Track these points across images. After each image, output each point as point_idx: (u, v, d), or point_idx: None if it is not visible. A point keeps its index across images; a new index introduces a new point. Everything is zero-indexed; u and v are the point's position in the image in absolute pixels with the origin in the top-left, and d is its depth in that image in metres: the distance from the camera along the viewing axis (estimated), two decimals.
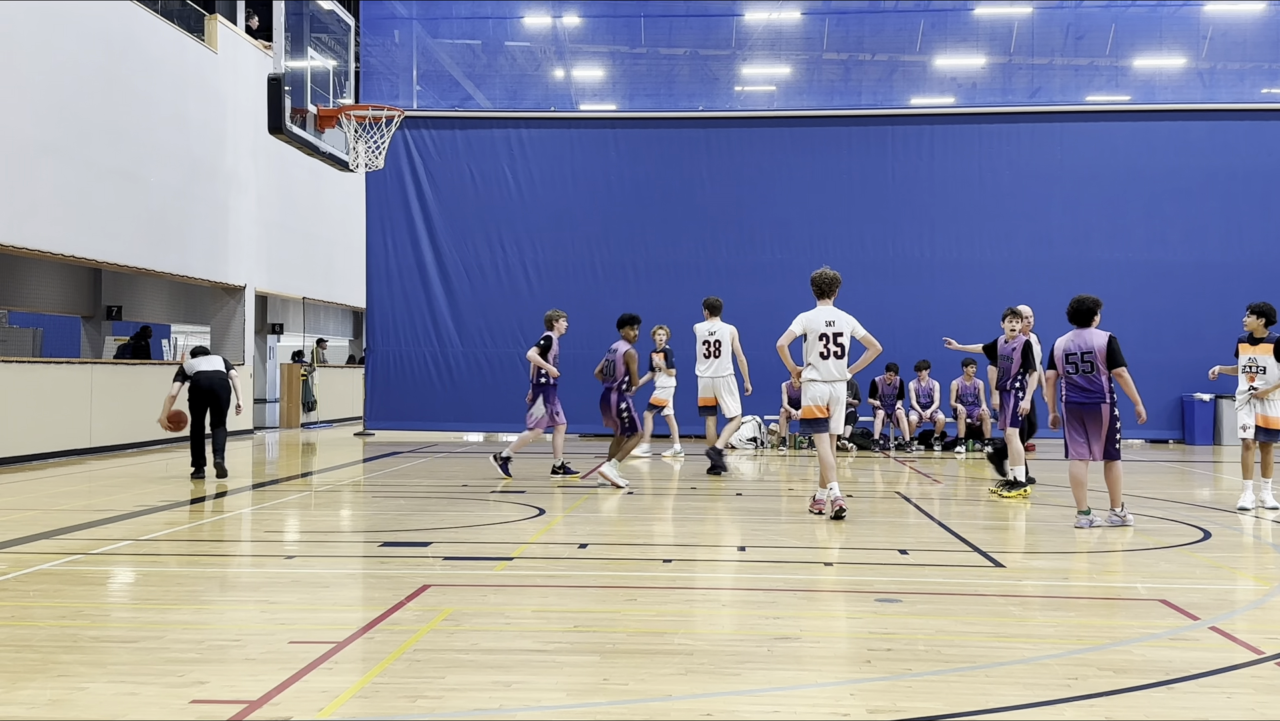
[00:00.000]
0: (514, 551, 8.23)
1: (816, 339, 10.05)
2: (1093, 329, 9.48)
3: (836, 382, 10.11)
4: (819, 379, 10.07)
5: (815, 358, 10.08)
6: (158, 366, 19.68)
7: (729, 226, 20.64)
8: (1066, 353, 9.51)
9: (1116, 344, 9.36)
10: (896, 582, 7.16)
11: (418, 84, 21.91)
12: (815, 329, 10.08)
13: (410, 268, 21.03)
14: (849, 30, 22.04)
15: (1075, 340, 9.50)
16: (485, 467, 14.78)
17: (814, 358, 10.09)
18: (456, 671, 5.01)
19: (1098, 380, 9.34)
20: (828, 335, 10.03)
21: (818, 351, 10.06)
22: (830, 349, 10.05)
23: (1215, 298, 19.81)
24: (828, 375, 10.06)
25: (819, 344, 10.05)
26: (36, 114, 15.60)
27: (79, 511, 10.39)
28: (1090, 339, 9.41)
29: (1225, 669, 5.16)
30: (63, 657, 5.20)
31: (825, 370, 10.05)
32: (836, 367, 10.08)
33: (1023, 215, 20.32)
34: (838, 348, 10.07)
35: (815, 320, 10.11)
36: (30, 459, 15.34)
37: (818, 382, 10.09)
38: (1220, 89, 21.40)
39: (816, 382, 10.09)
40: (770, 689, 4.84)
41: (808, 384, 10.16)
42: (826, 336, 10.03)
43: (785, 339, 10.13)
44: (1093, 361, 9.34)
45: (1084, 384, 9.39)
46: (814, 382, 10.10)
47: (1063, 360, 9.52)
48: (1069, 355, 9.48)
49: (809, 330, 10.10)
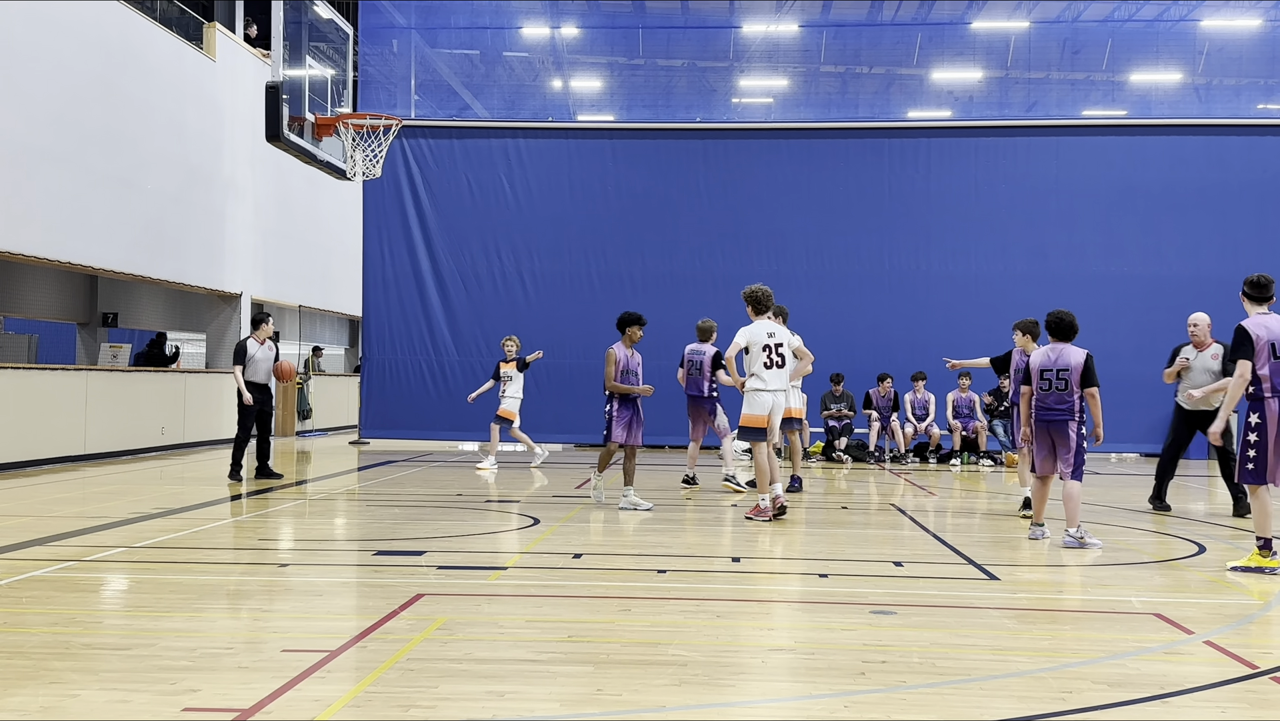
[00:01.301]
0: (508, 561, 8.21)
1: (760, 350, 10.67)
2: (1071, 345, 9.48)
3: (779, 392, 10.76)
4: (764, 388, 10.69)
5: (759, 368, 10.72)
6: (154, 374, 19.65)
7: (725, 237, 20.67)
8: (1042, 369, 9.46)
9: (1092, 362, 9.35)
10: (891, 595, 7.16)
11: (416, 93, 21.94)
12: (758, 341, 10.69)
13: (407, 276, 21.03)
14: (846, 43, 22.12)
15: (1052, 356, 9.46)
16: (473, 477, 14.76)
17: (758, 368, 10.74)
18: (450, 681, 5.00)
19: (1069, 398, 9.31)
20: (770, 346, 10.67)
21: (761, 362, 10.70)
22: (773, 359, 10.70)
23: (1211, 312, 19.75)
24: (773, 384, 10.70)
25: (762, 355, 10.67)
26: (34, 120, 15.60)
27: (72, 518, 10.36)
28: (1068, 356, 9.37)
29: (1219, 683, 5.16)
30: (55, 664, 5.18)
31: (770, 380, 10.69)
32: (779, 377, 10.74)
33: (1019, 229, 20.35)
34: (779, 358, 10.73)
35: (758, 333, 10.73)
36: (24, 465, 15.30)
37: (763, 392, 10.69)
38: (1216, 104, 21.47)
39: (762, 392, 10.69)
40: (764, 700, 4.84)
41: (753, 393, 10.72)
42: (769, 347, 10.67)
43: (732, 351, 10.72)
44: (1067, 379, 9.32)
45: (1055, 401, 9.35)
46: (760, 392, 10.70)
47: (1038, 375, 9.48)
48: (1044, 371, 9.44)
49: (752, 343, 10.71)
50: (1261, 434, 7.87)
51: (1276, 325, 7.98)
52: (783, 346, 10.75)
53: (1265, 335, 7.89)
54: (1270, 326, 7.95)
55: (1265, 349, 7.86)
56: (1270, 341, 7.87)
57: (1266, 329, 7.94)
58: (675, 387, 20.91)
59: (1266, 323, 8.00)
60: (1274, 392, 7.84)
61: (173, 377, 20.02)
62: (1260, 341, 7.87)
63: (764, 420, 10.64)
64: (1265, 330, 7.92)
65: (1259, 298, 8.19)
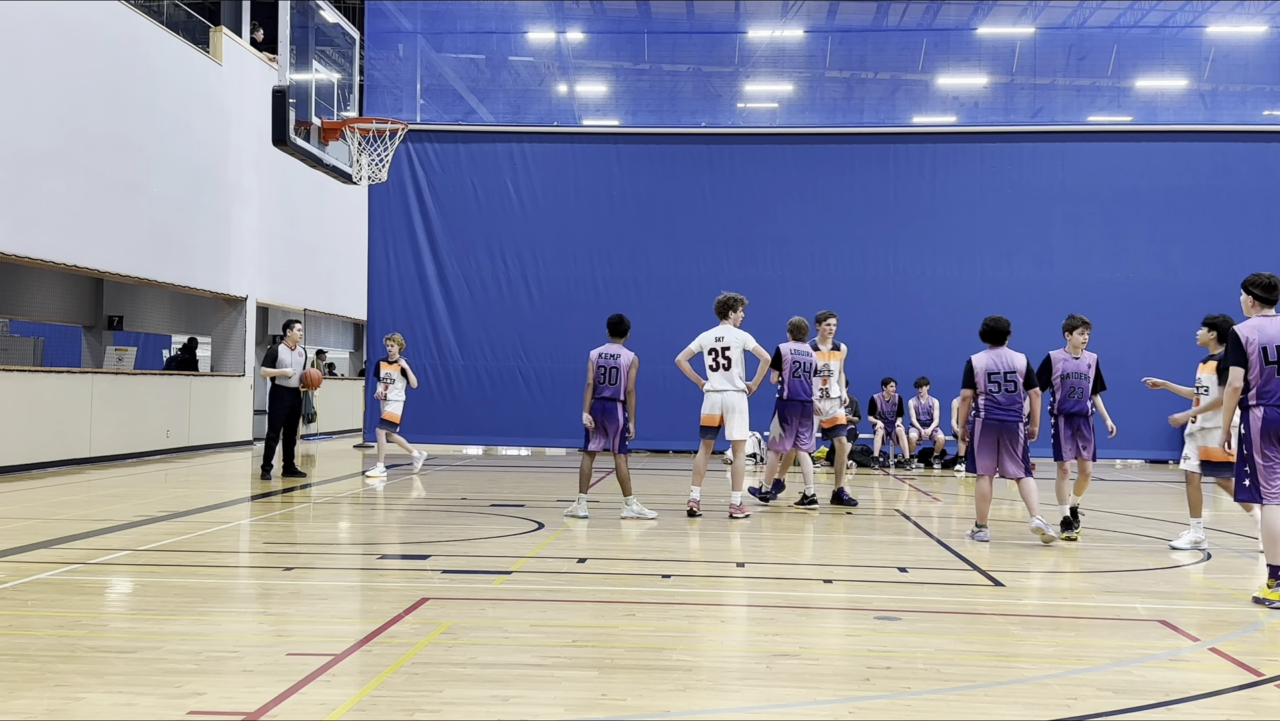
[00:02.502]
0: (513, 565, 8.22)
1: (706, 353, 11.45)
2: (1007, 348, 9.93)
3: (726, 393, 11.35)
4: (710, 389, 11.41)
5: (705, 370, 11.47)
6: (159, 377, 19.68)
7: (730, 242, 20.67)
8: (989, 372, 9.82)
9: (1031, 365, 9.91)
10: (896, 600, 7.15)
11: (421, 98, 21.97)
12: (705, 345, 11.49)
13: (412, 280, 21.05)
14: (852, 49, 22.12)
15: (996, 359, 9.84)
16: (485, 481, 14.76)
17: (705, 370, 11.49)
18: (454, 685, 5.00)
19: (1018, 399, 9.77)
20: (716, 349, 11.40)
21: (707, 365, 11.43)
22: (719, 361, 11.37)
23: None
24: (715, 385, 11.38)
25: (707, 357, 11.44)
26: (41, 124, 15.64)
27: (78, 521, 10.37)
28: (1012, 359, 9.81)
29: (1225, 690, 5.15)
30: (60, 667, 5.19)
31: (713, 381, 11.40)
32: (725, 379, 11.36)
33: (1024, 234, 20.34)
34: (725, 360, 11.35)
35: (706, 337, 11.53)
36: (30, 468, 15.32)
37: (711, 392, 11.42)
38: (1222, 110, 21.45)
39: (710, 393, 11.43)
40: (769, 706, 4.83)
41: (706, 394, 11.47)
42: (715, 350, 11.41)
43: (684, 355, 11.51)
44: (1015, 381, 9.72)
45: (1005, 402, 9.74)
46: (709, 393, 11.45)
47: (985, 379, 9.80)
48: (991, 374, 9.80)
49: (701, 346, 11.51)
50: (1248, 445, 7.23)
51: (1271, 328, 7.33)
52: (730, 350, 11.35)
53: (1257, 339, 7.26)
54: (1265, 330, 7.32)
55: (1257, 354, 7.24)
56: (1262, 345, 7.26)
57: (1259, 332, 7.30)
58: (678, 392, 20.97)
59: (1260, 325, 7.35)
60: (1260, 400, 7.20)
61: (178, 381, 20.04)
62: (1251, 346, 7.26)
63: (715, 420, 11.40)
64: (1258, 334, 7.29)
65: (1269, 300, 7.47)
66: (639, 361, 11.27)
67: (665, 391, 20.12)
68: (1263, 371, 7.21)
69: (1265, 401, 7.18)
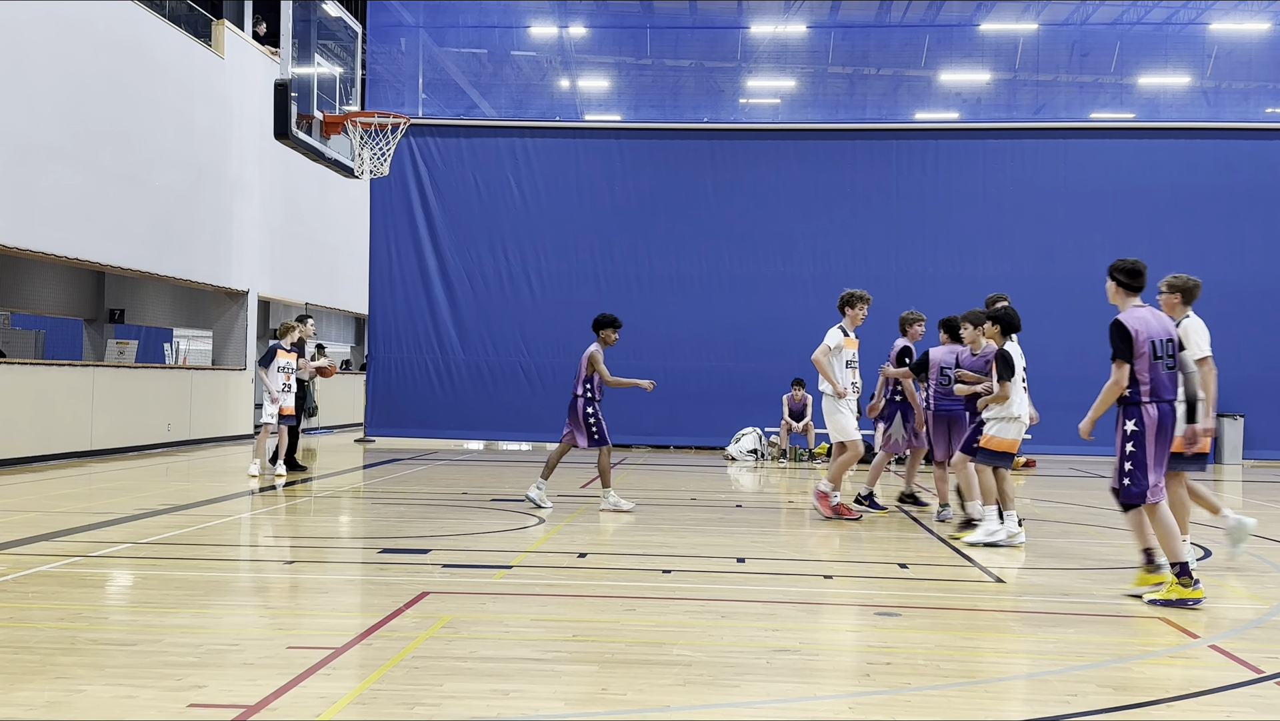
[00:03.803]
0: (513, 560, 8.22)
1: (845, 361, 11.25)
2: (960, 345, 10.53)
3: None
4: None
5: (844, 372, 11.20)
6: (160, 370, 19.68)
7: (732, 238, 20.66)
8: (943, 366, 10.71)
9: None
10: (896, 597, 7.15)
11: (423, 92, 21.95)
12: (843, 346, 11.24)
13: (413, 275, 21.05)
14: (854, 44, 22.09)
15: (949, 355, 10.68)
16: (486, 475, 14.75)
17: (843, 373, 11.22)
18: (455, 679, 5.00)
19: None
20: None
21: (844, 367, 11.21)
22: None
23: (1217, 316, 19.67)
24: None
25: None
26: (43, 117, 15.63)
27: (79, 514, 10.38)
28: (961, 353, 10.43)
29: (1225, 687, 5.15)
30: (61, 659, 5.19)
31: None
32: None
33: (1026, 231, 20.33)
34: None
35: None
36: (31, 460, 15.33)
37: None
38: (1225, 108, 21.43)
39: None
40: (769, 701, 4.83)
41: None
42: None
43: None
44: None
45: (954, 393, 10.35)
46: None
47: (938, 372, 10.75)
48: (944, 367, 10.68)
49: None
50: (1140, 444, 6.85)
51: (1155, 321, 7.01)
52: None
53: (1145, 331, 6.90)
54: (1149, 321, 6.97)
55: (1146, 348, 6.88)
56: (1151, 339, 6.90)
57: (1145, 323, 6.94)
58: (679, 388, 21.00)
59: (1143, 316, 7.00)
60: (1153, 397, 6.86)
61: (179, 375, 20.06)
62: (1140, 339, 6.87)
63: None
64: (1144, 325, 6.93)
65: (1134, 287, 7.13)
66: (594, 352, 11.33)
67: (667, 388, 20.12)
68: (1151, 367, 6.89)
69: (1158, 398, 6.90)
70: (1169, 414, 6.93)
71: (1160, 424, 6.88)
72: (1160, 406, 6.90)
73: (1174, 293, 8.22)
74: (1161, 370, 6.91)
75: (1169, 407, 6.94)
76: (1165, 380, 6.93)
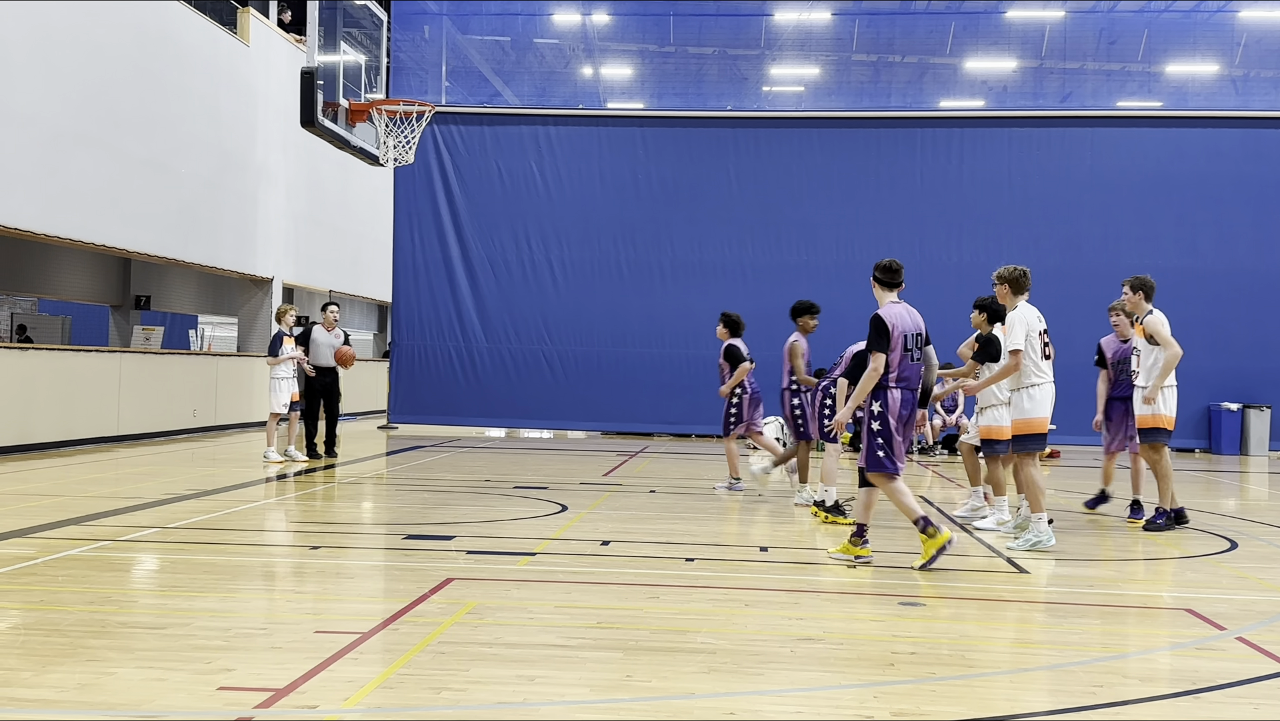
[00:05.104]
0: (537, 547, 8.25)
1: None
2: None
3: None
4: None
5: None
6: (186, 357, 19.82)
7: (755, 227, 20.62)
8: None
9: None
10: (920, 586, 7.14)
11: (447, 80, 21.98)
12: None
13: (436, 263, 21.11)
14: (879, 31, 21.96)
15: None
16: (508, 463, 14.79)
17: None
18: (480, 664, 5.03)
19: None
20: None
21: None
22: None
23: (1245, 305, 19.70)
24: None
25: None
26: (70, 104, 15.73)
27: (106, 498, 10.48)
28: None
29: (1252, 679, 5.13)
30: (91, 642, 5.25)
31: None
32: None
33: (1052, 220, 20.20)
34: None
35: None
36: (58, 445, 15.47)
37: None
38: (1254, 96, 21.21)
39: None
40: (793, 689, 4.84)
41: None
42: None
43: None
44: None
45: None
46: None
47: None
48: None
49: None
50: (885, 423, 7.60)
51: (908, 316, 7.72)
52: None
53: (900, 326, 7.60)
54: (903, 316, 7.69)
55: (899, 340, 7.57)
56: (904, 333, 7.60)
57: (900, 318, 7.65)
58: (702, 377, 20.95)
59: (899, 311, 7.71)
60: (899, 383, 7.62)
61: (204, 361, 20.19)
62: (895, 332, 7.57)
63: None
64: (900, 320, 7.63)
65: (890, 283, 7.83)
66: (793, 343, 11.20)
67: (690, 376, 20.13)
68: (902, 357, 7.62)
69: (902, 385, 7.67)
70: (910, 399, 7.70)
71: (901, 406, 7.66)
72: (904, 392, 7.69)
73: (1003, 283, 8.99)
74: (909, 361, 7.68)
75: (911, 394, 7.71)
76: (912, 370, 7.71)
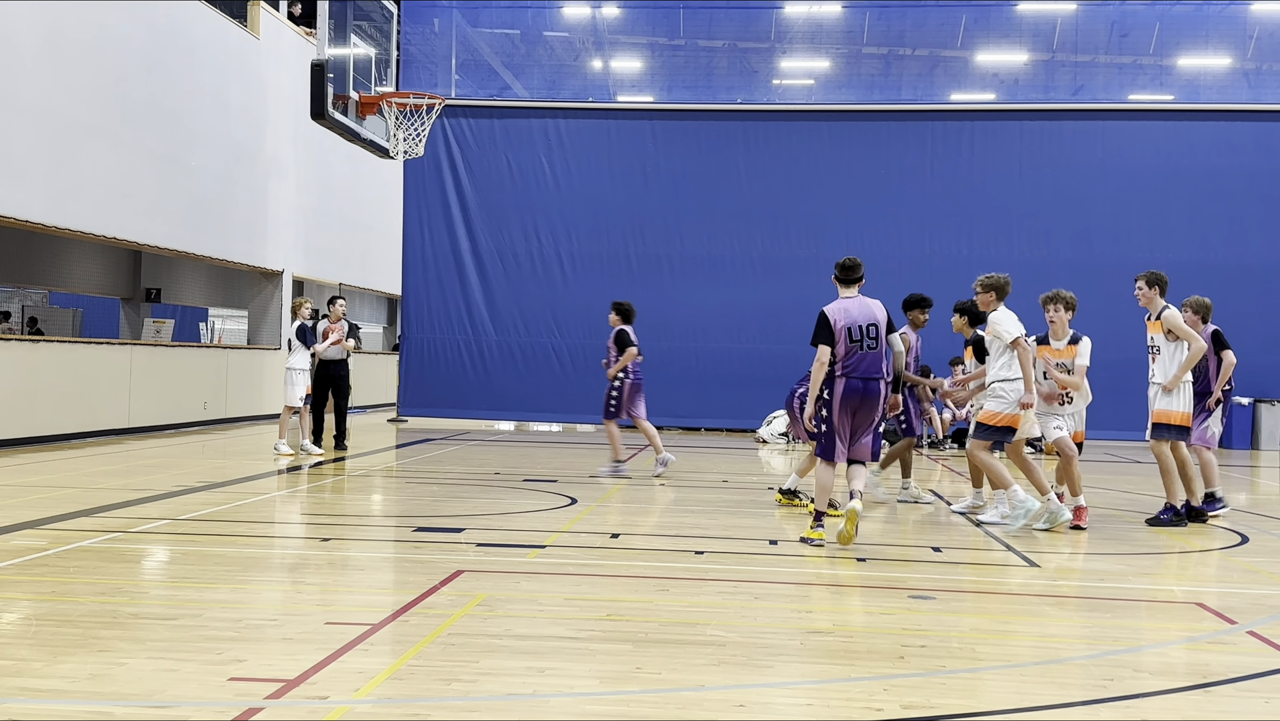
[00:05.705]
0: (546, 539, 8.26)
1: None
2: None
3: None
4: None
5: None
6: (196, 349, 19.86)
7: (765, 220, 20.59)
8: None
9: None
10: (930, 580, 7.14)
11: (456, 73, 21.96)
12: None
13: (446, 256, 21.12)
14: (890, 24, 21.88)
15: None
16: (518, 456, 14.80)
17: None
18: (490, 656, 5.04)
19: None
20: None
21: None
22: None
23: (1256, 299, 19.59)
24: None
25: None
26: (80, 96, 15.76)
27: (117, 490, 10.51)
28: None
29: (1263, 673, 5.11)
30: (102, 633, 5.27)
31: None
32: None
33: (1063, 214, 20.13)
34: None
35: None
36: (69, 437, 15.52)
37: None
38: (1266, 90, 21.09)
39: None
40: (803, 682, 4.84)
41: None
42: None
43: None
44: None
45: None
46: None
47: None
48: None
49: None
50: (829, 410, 8.11)
51: (857, 309, 8.18)
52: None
53: (843, 320, 8.11)
54: (850, 311, 8.16)
55: (843, 333, 8.08)
56: (847, 326, 8.09)
57: (845, 313, 8.14)
58: (711, 370, 21.01)
59: (847, 306, 8.19)
60: (843, 372, 8.06)
61: (215, 353, 20.23)
62: (838, 326, 8.09)
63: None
64: (844, 314, 8.13)
65: (847, 280, 8.41)
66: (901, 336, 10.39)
67: (698, 369, 20.14)
68: (848, 348, 8.06)
69: (849, 374, 8.07)
70: (857, 388, 8.05)
71: (845, 395, 8.04)
72: (849, 381, 8.06)
73: (988, 291, 9.51)
74: (857, 351, 8.06)
75: (858, 383, 8.05)
76: (857, 360, 8.06)
